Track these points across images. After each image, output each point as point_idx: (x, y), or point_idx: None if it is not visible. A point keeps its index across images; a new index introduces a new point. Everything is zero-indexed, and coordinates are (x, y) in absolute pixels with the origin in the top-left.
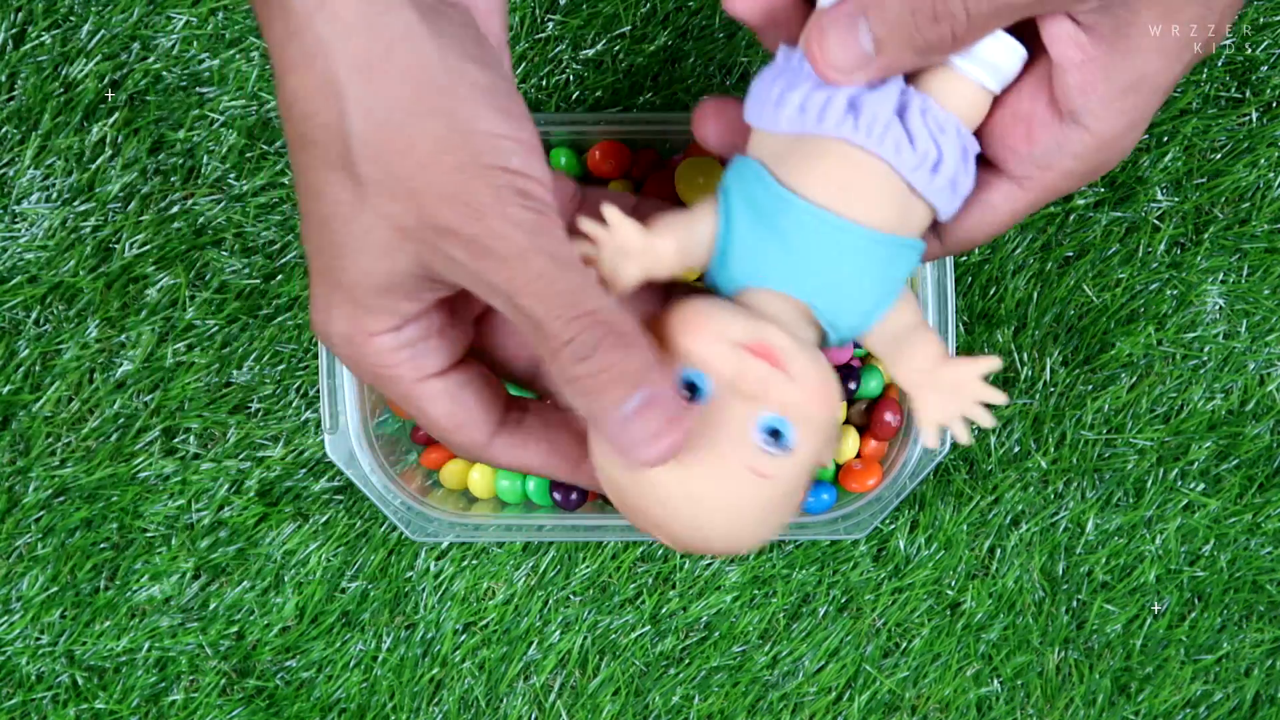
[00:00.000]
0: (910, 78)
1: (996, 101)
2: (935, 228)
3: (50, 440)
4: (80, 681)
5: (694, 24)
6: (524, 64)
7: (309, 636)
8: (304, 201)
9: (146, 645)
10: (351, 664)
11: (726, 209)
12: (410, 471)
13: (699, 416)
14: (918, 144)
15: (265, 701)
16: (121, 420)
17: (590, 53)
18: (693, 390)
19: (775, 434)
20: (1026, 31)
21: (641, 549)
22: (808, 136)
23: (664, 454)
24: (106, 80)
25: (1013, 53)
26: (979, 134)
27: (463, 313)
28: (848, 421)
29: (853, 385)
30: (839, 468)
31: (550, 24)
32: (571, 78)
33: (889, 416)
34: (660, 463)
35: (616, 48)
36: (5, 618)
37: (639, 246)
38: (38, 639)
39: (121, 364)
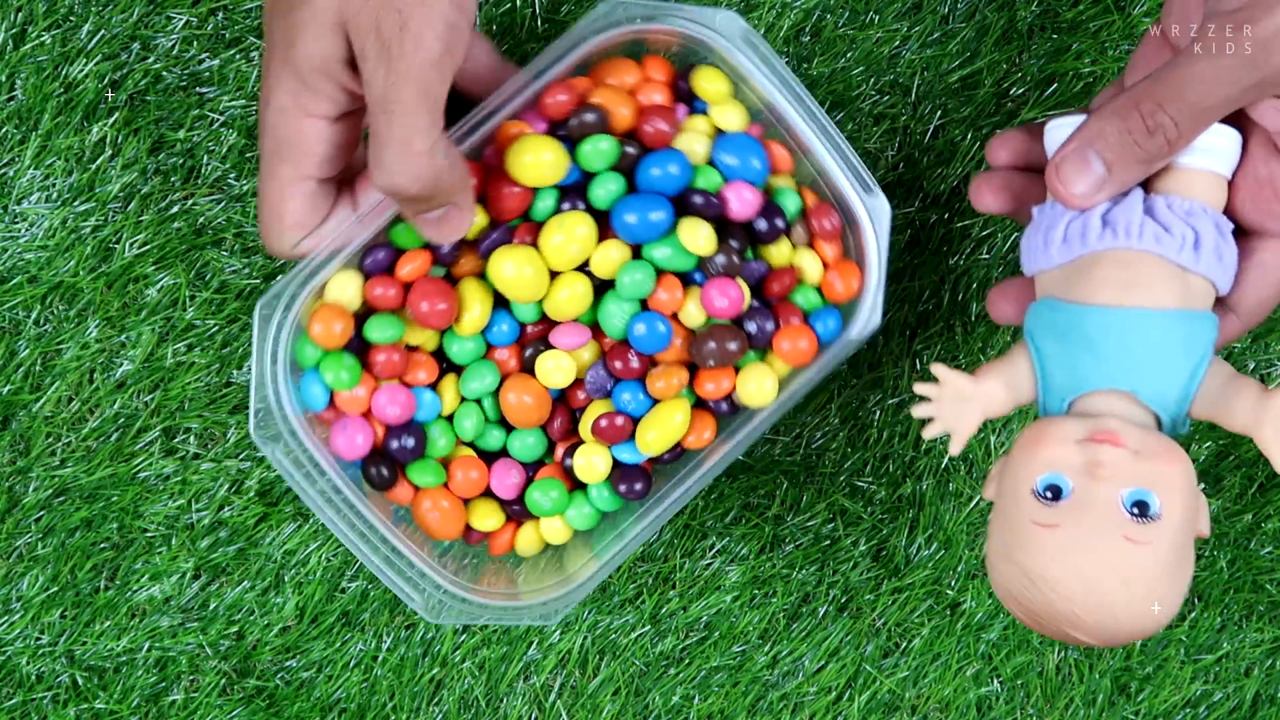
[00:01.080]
0: (1149, 186)
1: (1234, 177)
2: (1224, 304)
3: (50, 440)
4: (80, 681)
5: None
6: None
7: (309, 636)
8: None
9: (146, 645)
10: (351, 664)
11: (1033, 343)
12: (446, 559)
13: (1069, 511)
14: (1174, 230)
15: (265, 701)
16: (121, 420)
17: None
18: (1056, 493)
19: (1143, 505)
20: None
21: (641, 549)
22: (1079, 259)
23: (444, 239)
24: (106, 80)
25: (1228, 137)
26: (1229, 210)
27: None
28: (795, 245)
29: (780, 223)
30: (820, 290)
31: (548, 25)
32: None
33: (826, 222)
34: (437, 241)
35: None
36: (5, 618)
37: (972, 393)
38: (38, 639)
39: (121, 364)
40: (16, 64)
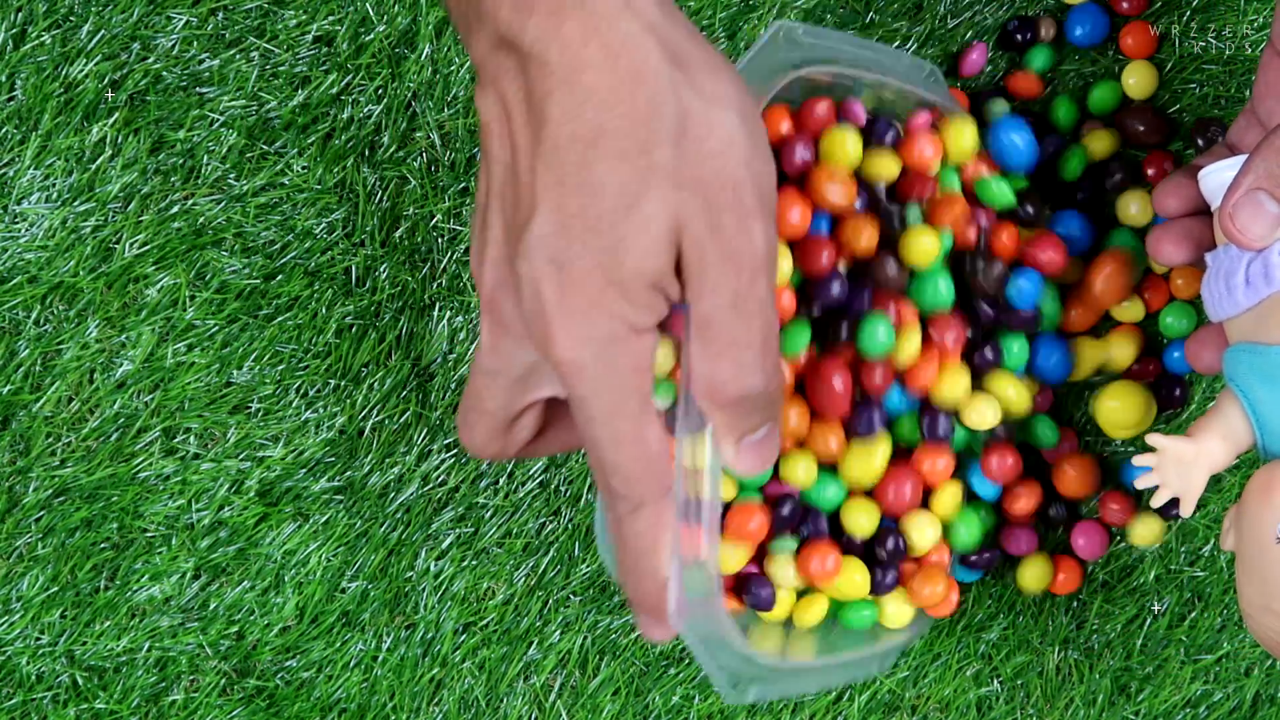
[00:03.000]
0: None
1: None
2: None
3: (50, 440)
4: (80, 681)
5: (695, 24)
6: None
7: (309, 636)
8: (572, 201)
9: (146, 645)
10: (351, 664)
11: (1242, 391)
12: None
13: None
14: None
15: (265, 701)
16: (121, 420)
17: None
18: None
19: None
20: None
21: None
22: (1266, 300)
23: (760, 467)
24: (106, 80)
25: None
26: None
27: None
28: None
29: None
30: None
31: None
32: None
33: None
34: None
35: None
36: (5, 618)
37: (1193, 455)
38: (38, 639)
39: (121, 364)
40: (16, 64)
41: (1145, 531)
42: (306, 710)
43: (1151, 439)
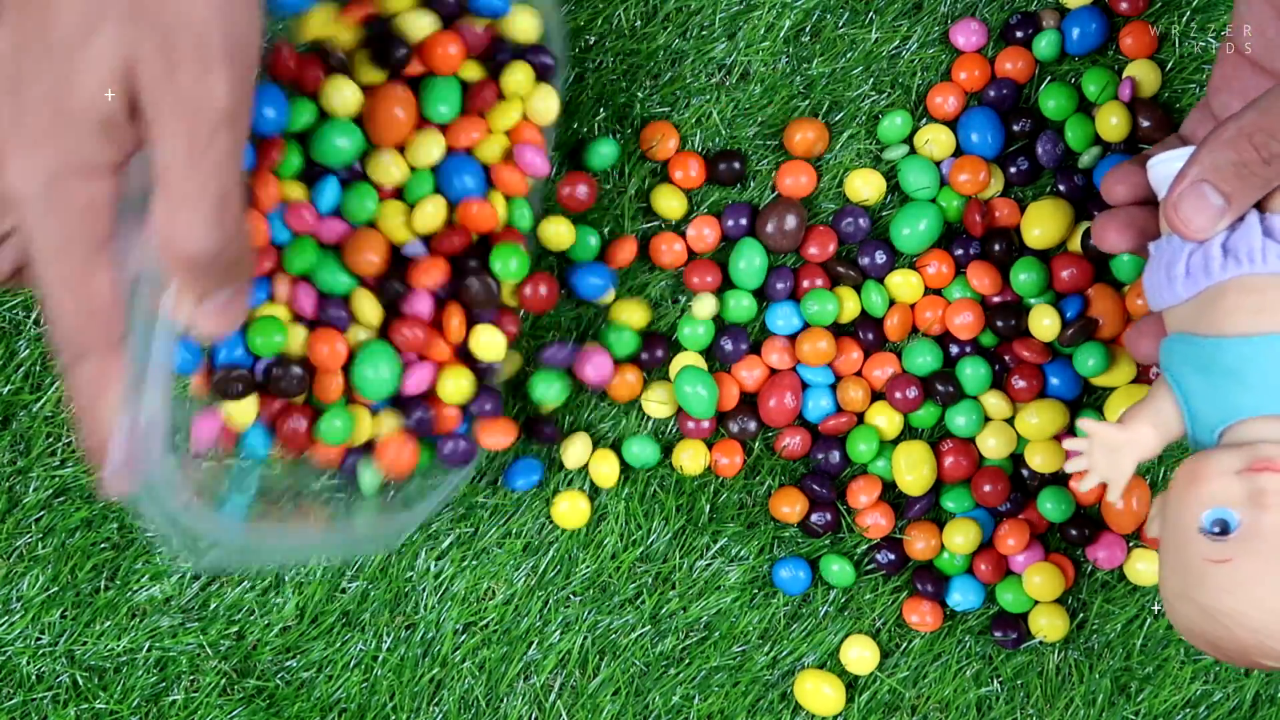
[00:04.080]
0: (1262, 205)
1: None
2: None
3: (50, 440)
4: (80, 681)
5: (694, 24)
6: None
7: (309, 636)
8: (31, 24)
9: (147, 645)
10: (351, 664)
11: (1175, 380)
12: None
13: (1241, 543)
14: None
15: (265, 701)
16: None
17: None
18: (1224, 527)
19: None
20: None
21: (641, 549)
22: (1205, 291)
23: (227, 329)
24: None
25: None
26: None
27: None
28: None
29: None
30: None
31: None
32: (570, 76)
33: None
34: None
35: (618, 46)
36: (5, 618)
37: (1122, 441)
38: (38, 639)
39: None
40: None
41: (1147, 570)
42: (306, 710)
43: (1082, 424)
